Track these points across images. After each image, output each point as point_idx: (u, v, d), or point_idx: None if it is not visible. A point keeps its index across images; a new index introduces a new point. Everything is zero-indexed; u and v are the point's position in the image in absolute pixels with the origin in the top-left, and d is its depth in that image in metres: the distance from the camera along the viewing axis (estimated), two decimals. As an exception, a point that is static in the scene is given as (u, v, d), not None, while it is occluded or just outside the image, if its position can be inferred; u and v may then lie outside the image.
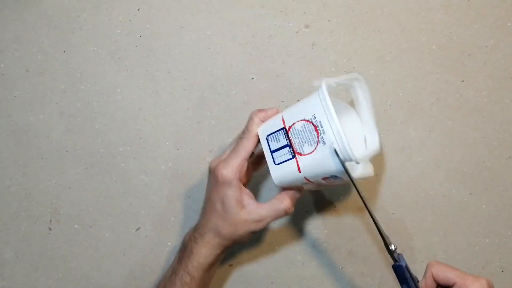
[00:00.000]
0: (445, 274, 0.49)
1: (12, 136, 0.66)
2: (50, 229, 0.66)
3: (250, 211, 0.53)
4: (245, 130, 0.55)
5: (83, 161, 0.66)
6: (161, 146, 0.66)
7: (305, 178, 0.51)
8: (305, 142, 0.51)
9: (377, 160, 0.66)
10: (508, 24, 0.69)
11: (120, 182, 0.66)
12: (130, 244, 0.65)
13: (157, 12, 0.68)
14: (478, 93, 0.68)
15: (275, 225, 0.65)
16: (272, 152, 0.53)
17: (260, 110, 0.56)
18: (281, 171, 0.52)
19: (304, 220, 0.66)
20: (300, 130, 0.51)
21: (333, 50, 0.68)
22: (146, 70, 0.67)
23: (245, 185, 0.55)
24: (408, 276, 0.50)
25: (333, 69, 0.68)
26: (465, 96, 0.68)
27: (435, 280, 0.50)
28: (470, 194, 0.66)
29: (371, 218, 0.51)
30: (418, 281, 0.50)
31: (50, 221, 0.66)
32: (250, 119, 0.55)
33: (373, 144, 0.55)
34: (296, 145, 0.51)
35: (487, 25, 0.68)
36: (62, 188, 0.66)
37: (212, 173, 0.54)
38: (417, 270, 0.65)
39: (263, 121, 0.55)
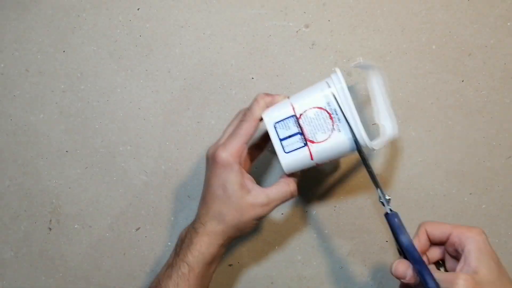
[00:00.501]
0: (439, 229, 0.49)
1: (12, 135, 0.66)
2: (50, 228, 0.66)
3: (256, 194, 0.50)
4: (248, 113, 0.52)
5: (83, 160, 0.66)
6: (161, 146, 0.66)
7: (316, 163, 0.51)
8: (319, 130, 0.50)
9: (377, 160, 0.67)
10: (508, 24, 0.69)
11: (120, 182, 0.66)
12: (130, 244, 0.65)
13: (157, 11, 0.68)
14: (478, 93, 0.68)
15: (275, 225, 0.66)
16: (281, 140, 0.51)
17: (267, 94, 0.53)
18: (291, 159, 0.51)
19: (304, 220, 0.66)
20: (313, 118, 0.50)
21: (333, 50, 0.68)
22: (146, 70, 0.67)
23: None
24: (403, 224, 0.48)
25: (333, 69, 0.67)
26: (465, 96, 0.68)
27: (429, 238, 0.49)
28: (470, 194, 0.66)
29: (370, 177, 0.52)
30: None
31: (50, 220, 0.66)
32: (256, 101, 0.52)
33: (391, 130, 0.55)
34: (309, 132, 0.50)
35: (487, 25, 0.68)
36: (62, 187, 0.66)
37: (211, 158, 0.51)
38: (417, 270, 0.65)
39: (268, 106, 0.53)
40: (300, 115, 0.51)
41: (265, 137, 0.57)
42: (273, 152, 0.55)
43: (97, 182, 0.66)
